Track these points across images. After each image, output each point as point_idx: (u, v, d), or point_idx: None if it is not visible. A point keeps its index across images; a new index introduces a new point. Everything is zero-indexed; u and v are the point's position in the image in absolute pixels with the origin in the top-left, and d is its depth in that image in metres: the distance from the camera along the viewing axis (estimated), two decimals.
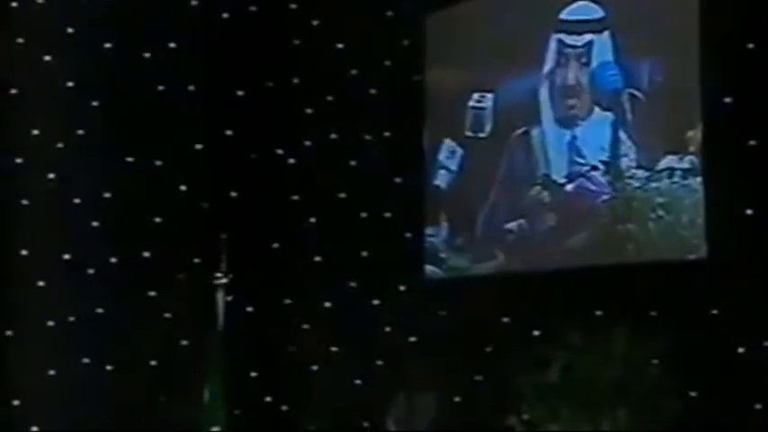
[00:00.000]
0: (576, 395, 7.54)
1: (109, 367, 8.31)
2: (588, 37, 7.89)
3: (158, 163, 8.67)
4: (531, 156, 8.19)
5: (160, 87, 8.69)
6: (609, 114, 7.82)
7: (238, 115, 8.80)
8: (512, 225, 8.28)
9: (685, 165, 7.47)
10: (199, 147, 8.73)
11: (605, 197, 7.84)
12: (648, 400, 7.43)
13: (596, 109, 7.89)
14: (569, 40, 7.96)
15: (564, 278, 7.93)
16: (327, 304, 8.67)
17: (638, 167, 7.66)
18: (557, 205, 8.08)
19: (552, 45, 8.06)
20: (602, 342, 7.54)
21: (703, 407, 7.39)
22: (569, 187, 8.03)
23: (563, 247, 8.02)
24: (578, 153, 8.00)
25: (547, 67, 8.09)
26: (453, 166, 8.60)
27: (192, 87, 8.71)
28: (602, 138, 7.83)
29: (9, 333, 8.10)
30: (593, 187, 7.91)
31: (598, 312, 7.77)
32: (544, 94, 8.11)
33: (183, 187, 8.69)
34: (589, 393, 7.51)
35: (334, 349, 8.64)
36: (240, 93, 8.82)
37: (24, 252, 8.27)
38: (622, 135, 7.76)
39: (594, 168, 7.91)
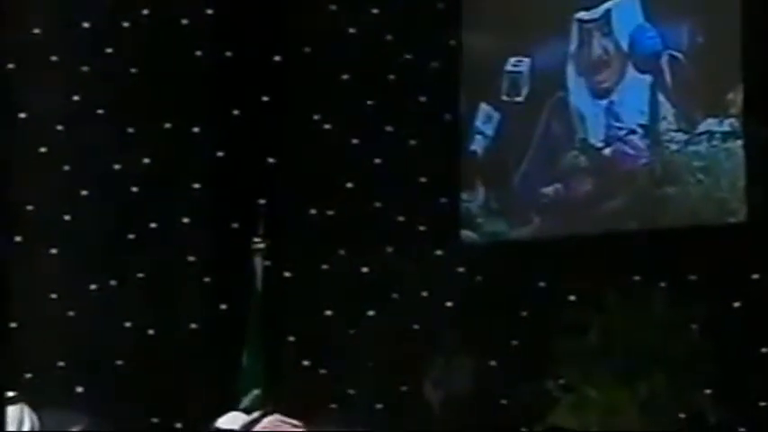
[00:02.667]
0: (613, 359, 7.35)
1: (150, 331, 8.17)
2: (606, 5, 7.63)
3: (196, 129, 8.47)
4: (569, 120, 7.96)
5: (197, 53, 8.48)
6: (647, 77, 7.58)
7: (275, 81, 8.59)
8: (548, 189, 8.07)
9: (725, 127, 7.23)
10: (236, 112, 8.52)
11: (643, 161, 7.61)
12: (686, 365, 7.23)
13: (630, 73, 7.63)
14: (586, 15, 7.71)
15: (601, 242, 7.73)
16: (364, 269, 8.47)
17: (678, 130, 7.42)
18: (594, 169, 7.86)
19: (574, 25, 7.81)
20: (639, 306, 7.35)
21: (741, 371, 7.16)
22: (607, 151, 7.80)
23: (600, 211, 7.81)
24: (616, 117, 7.77)
25: (573, 46, 7.85)
26: (489, 131, 8.38)
27: (228, 53, 8.50)
28: (641, 101, 7.59)
29: (53, 296, 7.98)
30: (630, 151, 7.68)
31: (636, 277, 7.55)
32: (572, 71, 7.87)
33: (220, 153, 8.50)
34: (626, 358, 7.32)
35: (370, 314, 8.44)
36: (277, 58, 8.59)
37: (67, 218, 8.12)
38: (661, 98, 7.52)
39: (632, 132, 7.67)
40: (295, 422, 4.05)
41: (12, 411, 4.89)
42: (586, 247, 7.78)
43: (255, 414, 4.08)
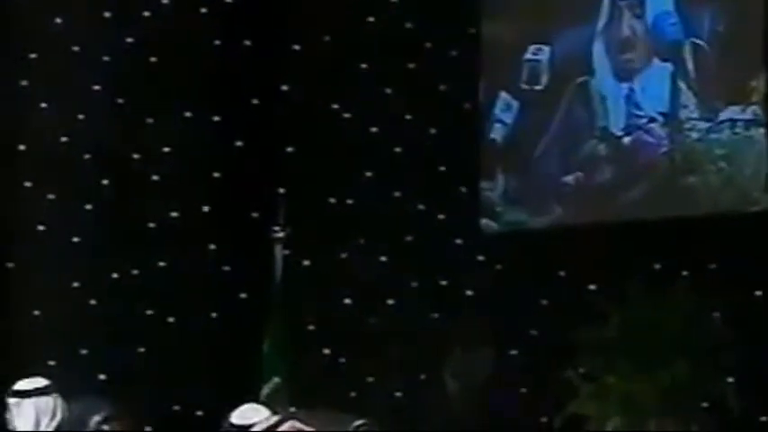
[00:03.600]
0: (634, 349, 7.28)
1: (170, 319, 8.12)
2: None
3: (216, 118, 8.42)
4: (589, 108, 7.87)
5: (216, 42, 8.42)
6: (668, 65, 7.49)
7: (294, 70, 8.52)
8: (569, 178, 7.99)
9: (747, 115, 7.15)
10: (255, 102, 8.46)
11: (664, 149, 7.52)
12: (708, 354, 7.16)
13: (655, 60, 7.53)
14: None
15: (622, 231, 7.64)
16: (384, 258, 8.40)
17: (699, 119, 7.32)
18: (614, 158, 7.78)
19: (606, 1, 7.71)
20: (660, 296, 7.27)
21: (763, 360, 7.08)
22: (627, 140, 7.72)
23: (621, 199, 7.73)
24: (636, 105, 7.68)
25: (601, 23, 7.74)
26: (509, 120, 8.30)
27: (247, 42, 8.43)
28: (662, 89, 7.51)
29: (76, 284, 7.94)
30: (651, 140, 7.60)
31: (657, 266, 7.47)
32: (600, 49, 7.77)
33: (239, 142, 8.44)
34: (647, 347, 7.25)
35: (390, 302, 8.37)
36: (296, 47, 8.53)
37: (88, 206, 8.08)
38: (682, 86, 7.43)
39: (653, 120, 7.58)
40: (311, 431, 3.99)
41: (44, 402, 4.85)
42: (607, 236, 7.70)
43: (274, 418, 4.03)
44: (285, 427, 3.95)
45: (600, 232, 7.76)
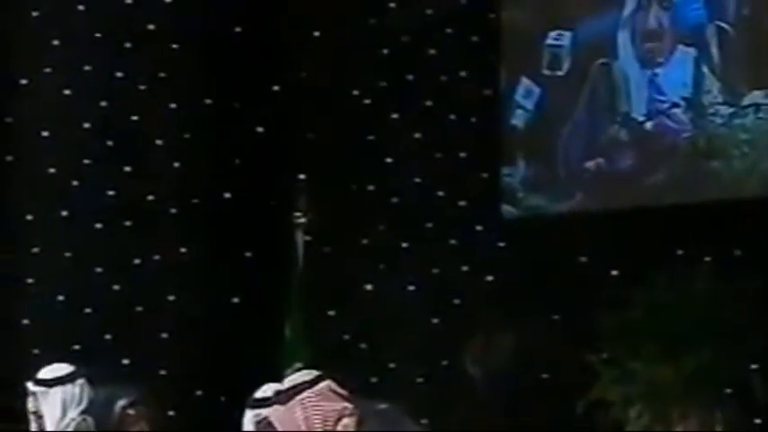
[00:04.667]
0: (656, 334, 7.18)
1: (193, 305, 8.06)
2: None
3: (236, 105, 8.33)
4: (610, 94, 7.76)
5: (237, 29, 8.33)
6: (691, 50, 7.37)
7: (314, 57, 8.42)
8: (590, 164, 7.88)
9: None
10: (276, 88, 8.37)
11: (686, 134, 7.40)
12: (731, 340, 7.05)
13: (679, 48, 7.41)
14: None
15: (644, 217, 7.54)
16: (404, 244, 8.32)
17: (722, 103, 7.19)
18: (636, 143, 7.66)
19: None
20: (683, 281, 7.17)
21: None
22: (649, 125, 7.60)
23: (642, 185, 7.62)
24: (658, 90, 7.57)
25: (627, 10, 7.62)
26: (530, 106, 8.19)
27: (268, 29, 8.33)
28: (685, 74, 7.39)
29: (98, 270, 7.89)
30: (673, 125, 7.48)
31: (679, 251, 7.36)
32: (624, 37, 7.65)
33: (260, 129, 8.36)
34: (670, 333, 7.15)
35: (410, 288, 8.29)
36: (316, 34, 8.43)
37: (111, 193, 8.04)
38: (705, 70, 7.30)
39: (675, 105, 7.46)
40: (345, 394, 3.91)
41: (71, 389, 4.80)
42: (629, 222, 7.60)
43: (312, 374, 3.91)
44: (321, 385, 3.84)
45: (621, 218, 7.66)
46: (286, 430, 3.79)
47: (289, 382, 3.93)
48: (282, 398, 3.87)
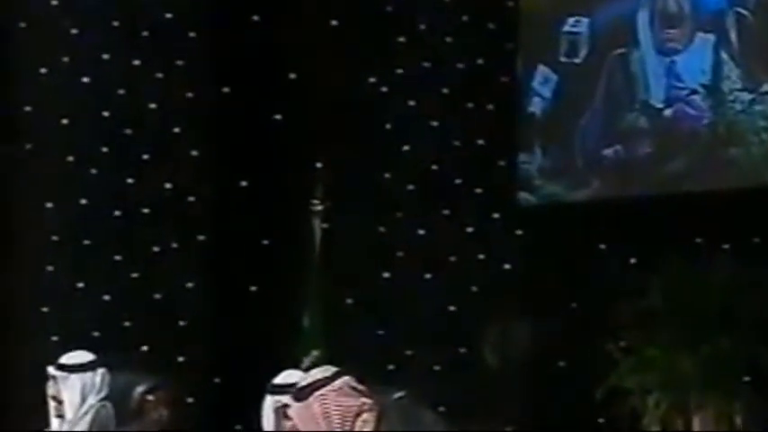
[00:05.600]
0: (675, 322, 7.10)
1: (211, 292, 8.02)
2: None
3: (253, 93, 8.27)
4: (629, 81, 7.66)
5: (254, 18, 8.25)
6: (710, 36, 7.25)
7: (331, 44, 8.34)
8: (608, 151, 7.78)
9: None
10: (293, 76, 8.30)
11: (705, 121, 7.30)
12: (750, 327, 6.96)
13: (698, 35, 7.30)
14: None
15: (662, 204, 7.45)
16: (421, 232, 8.24)
17: (742, 90, 7.09)
18: (654, 130, 7.56)
19: None
20: (702, 269, 7.08)
21: None
22: (667, 112, 7.50)
23: (661, 172, 7.52)
24: (677, 77, 7.46)
25: None
26: (547, 93, 8.10)
27: (284, 17, 8.26)
28: (703, 60, 7.28)
29: (117, 258, 7.86)
30: (692, 112, 7.37)
31: (698, 239, 7.27)
32: (643, 22, 7.54)
33: (277, 116, 8.28)
34: (689, 320, 7.06)
35: (427, 276, 8.21)
36: (334, 23, 8.34)
37: (129, 181, 8.00)
38: (725, 56, 7.19)
39: (694, 92, 7.36)
40: (364, 389, 3.83)
41: (91, 377, 4.77)
42: (647, 210, 7.51)
43: (330, 371, 3.84)
44: (340, 381, 3.77)
45: (639, 205, 7.57)
46: (305, 428, 3.72)
47: (307, 378, 3.86)
48: (301, 394, 3.81)
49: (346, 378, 3.77)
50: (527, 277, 8.07)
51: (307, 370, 7.10)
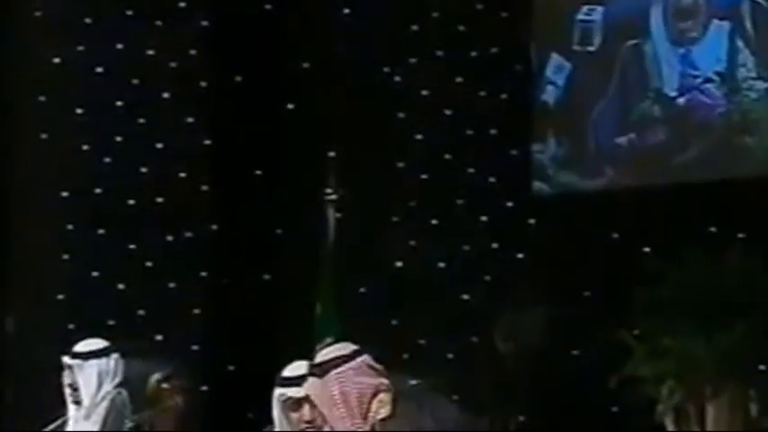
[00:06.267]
0: (688, 310, 7.01)
1: (225, 281, 7.94)
2: None
3: (267, 82, 8.21)
4: (642, 69, 7.56)
5: (267, 7, 8.19)
6: (725, 24, 7.16)
7: (344, 34, 8.27)
8: (621, 140, 7.70)
9: None
10: (306, 66, 8.23)
11: (720, 109, 7.21)
12: (764, 316, 6.87)
13: (713, 22, 7.21)
14: None
15: (676, 193, 7.36)
16: (434, 221, 8.17)
17: (757, 78, 7.00)
18: (668, 119, 7.48)
19: None
20: (715, 257, 6.99)
21: None
22: (681, 100, 7.40)
23: (675, 161, 7.44)
24: (692, 65, 7.36)
25: None
26: (561, 82, 8.03)
27: (298, 7, 8.20)
28: (719, 48, 7.18)
29: (131, 246, 7.83)
30: (706, 100, 7.28)
31: (712, 228, 7.19)
32: (657, 14, 7.45)
33: (290, 106, 8.22)
34: (702, 309, 6.98)
35: (441, 265, 8.14)
36: (346, 11, 8.28)
37: (143, 170, 7.96)
38: (740, 44, 7.09)
39: (709, 80, 7.26)
40: (381, 369, 3.78)
41: (106, 363, 4.76)
42: (661, 198, 7.43)
43: (349, 348, 3.78)
44: (358, 360, 3.71)
45: (653, 194, 7.49)
46: (322, 405, 3.67)
47: (325, 354, 3.80)
48: (318, 371, 3.75)
49: (364, 357, 3.72)
50: (540, 266, 8.00)
51: None
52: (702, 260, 7.01)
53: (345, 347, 3.76)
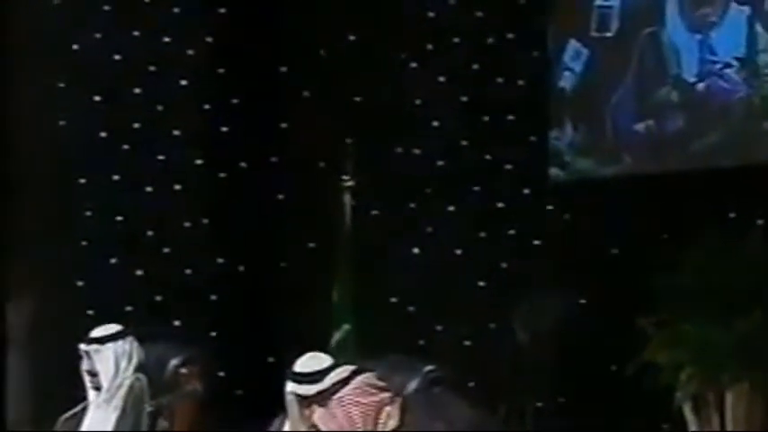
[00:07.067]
0: (707, 297, 6.92)
1: (241, 268, 7.88)
2: None
3: (283, 69, 8.12)
4: (661, 55, 7.46)
5: None
6: (745, 8, 7.04)
7: (361, 21, 8.18)
8: (639, 126, 7.59)
9: None
10: (322, 53, 8.15)
11: (739, 95, 7.10)
12: None
13: (732, 7, 7.09)
14: None
15: (695, 179, 7.27)
16: (451, 208, 8.09)
17: None
18: (687, 105, 7.37)
19: None
20: (735, 244, 6.90)
21: None
22: (701, 86, 7.30)
23: (694, 147, 7.33)
24: (711, 51, 7.25)
25: None
26: (578, 68, 7.92)
27: None
28: (738, 33, 7.06)
29: (149, 233, 7.80)
30: (726, 85, 7.17)
31: (731, 214, 7.09)
32: (672, 4, 7.33)
33: (306, 93, 8.14)
34: (721, 296, 6.88)
35: (457, 252, 8.06)
36: None
37: (161, 157, 7.91)
38: (759, 29, 6.97)
39: (728, 66, 7.15)
40: (382, 385, 3.75)
41: (122, 345, 4.75)
42: (679, 185, 7.34)
43: (347, 370, 3.76)
44: (356, 381, 3.69)
45: (671, 180, 7.40)
46: (330, 430, 3.70)
47: (327, 380, 3.83)
48: (322, 400, 3.78)
49: (362, 377, 3.70)
50: (557, 253, 7.91)
51: (337, 344, 7.03)
52: (721, 246, 6.92)
53: (343, 371, 3.77)
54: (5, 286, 7.70)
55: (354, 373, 3.73)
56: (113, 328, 4.87)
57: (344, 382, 3.71)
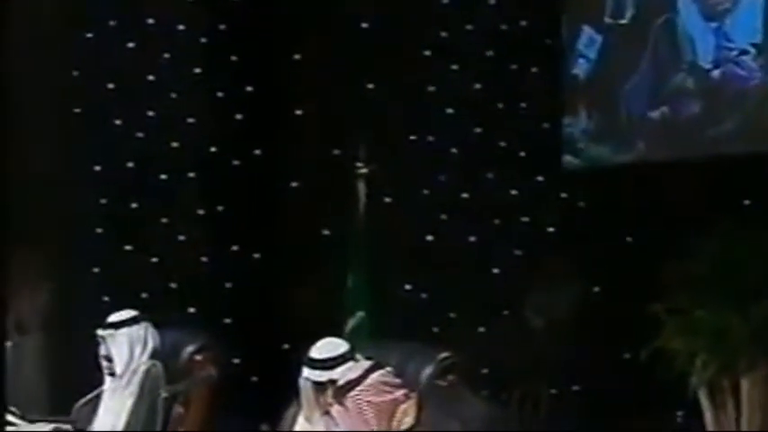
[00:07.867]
0: (721, 285, 6.83)
1: (256, 255, 7.83)
2: None
3: (296, 57, 8.05)
4: (676, 42, 7.36)
5: None
6: None
7: (374, 9, 8.11)
8: (654, 113, 7.50)
9: None
10: (336, 41, 8.09)
11: (756, 81, 7.00)
12: None
13: None
14: None
15: (710, 167, 7.18)
16: (465, 195, 8.01)
17: None
18: (702, 92, 7.27)
19: None
20: (749, 232, 6.81)
21: None
22: (716, 73, 7.20)
23: (709, 134, 7.24)
24: (726, 37, 7.15)
25: None
26: (592, 55, 7.83)
27: None
28: (754, 19, 6.96)
29: (165, 221, 7.77)
30: (741, 72, 7.07)
31: (746, 201, 7.00)
32: None
33: (320, 80, 8.08)
34: (736, 283, 6.80)
35: (471, 239, 7.99)
36: None
37: (175, 144, 7.86)
38: None
39: (744, 52, 7.05)
40: (396, 382, 3.71)
41: (136, 330, 4.74)
42: (694, 172, 7.25)
43: (360, 369, 3.73)
44: (369, 380, 3.65)
45: (686, 168, 7.31)
46: (347, 430, 3.70)
47: (341, 377, 3.82)
48: (338, 397, 3.78)
49: (377, 374, 3.67)
50: (571, 240, 7.84)
51: (351, 331, 6.97)
52: (736, 233, 6.83)
53: (358, 367, 3.74)
54: (21, 273, 7.66)
55: (369, 370, 3.70)
56: (129, 313, 4.87)
57: (357, 381, 3.69)
